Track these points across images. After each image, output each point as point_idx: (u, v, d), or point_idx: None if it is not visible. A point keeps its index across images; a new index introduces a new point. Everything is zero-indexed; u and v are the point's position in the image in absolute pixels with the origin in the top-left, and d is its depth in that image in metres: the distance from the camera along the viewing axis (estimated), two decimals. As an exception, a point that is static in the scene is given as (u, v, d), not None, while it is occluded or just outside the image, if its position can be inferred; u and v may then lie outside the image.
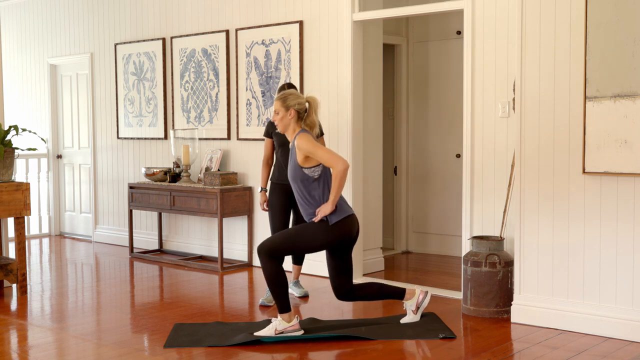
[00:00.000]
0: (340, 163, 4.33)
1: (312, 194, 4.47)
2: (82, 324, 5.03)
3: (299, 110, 4.51)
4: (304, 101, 4.54)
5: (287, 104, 4.50)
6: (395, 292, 4.78)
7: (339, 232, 4.47)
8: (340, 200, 4.48)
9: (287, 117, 4.51)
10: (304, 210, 4.54)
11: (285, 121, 4.52)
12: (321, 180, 4.48)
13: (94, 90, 8.63)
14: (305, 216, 4.56)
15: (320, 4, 6.42)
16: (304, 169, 4.44)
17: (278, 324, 4.49)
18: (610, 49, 4.38)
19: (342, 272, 4.64)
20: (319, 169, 4.46)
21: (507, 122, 5.30)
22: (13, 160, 5.86)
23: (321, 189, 4.47)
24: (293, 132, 4.53)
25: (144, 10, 7.96)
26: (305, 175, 4.45)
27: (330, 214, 4.43)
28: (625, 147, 4.35)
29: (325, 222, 4.45)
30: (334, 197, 4.39)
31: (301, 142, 4.40)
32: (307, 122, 4.55)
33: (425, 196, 7.65)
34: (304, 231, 4.51)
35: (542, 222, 4.76)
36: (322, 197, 4.47)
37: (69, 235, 9.15)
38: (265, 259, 4.47)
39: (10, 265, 5.76)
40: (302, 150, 4.39)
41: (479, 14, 5.42)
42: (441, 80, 7.50)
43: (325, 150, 4.39)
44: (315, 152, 4.37)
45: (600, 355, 4.16)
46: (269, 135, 5.59)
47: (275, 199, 5.54)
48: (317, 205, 4.47)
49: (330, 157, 4.35)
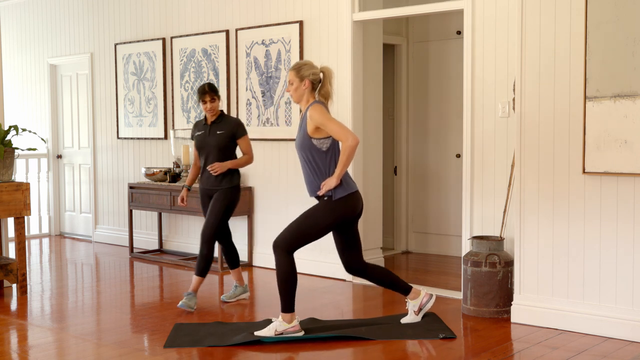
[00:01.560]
0: (351, 138, 4.31)
1: (319, 166, 4.44)
2: (82, 324, 5.03)
3: (313, 81, 4.50)
4: (318, 71, 4.53)
5: (302, 74, 4.49)
6: (402, 286, 4.79)
7: (344, 208, 4.45)
8: (345, 176, 4.47)
9: (301, 87, 4.50)
10: (309, 183, 4.51)
11: (299, 91, 4.50)
12: (329, 153, 4.45)
13: (94, 90, 8.63)
14: (310, 189, 4.53)
15: (320, 4, 6.42)
16: (313, 139, 4.42)
17: (278, 325, 4.49)
18: (610, 49, 4.38)
19: (349, 247, 4.65)
20: (328, 142, 4.44)
21: (507, 122, 5.30)
22: (13, 160, 5.86)
23: (328, 162, 4.45)
24: (306, 103, 4.51)
25: (144, 10, 7.96)
26: (314, 146, 4.43)
27: (335, 188, 4.42)
28: (625, 147, 4.35)
29: (329, 200, 4.43)
30: (340, 171, 4.37)
31: (314, 112, 4.39)
32: (321, 93, 4.53)
33: (425, 196, 7.65)
34: (310, 216, 4.48)
35: (542, 222, 4.76)
36: (328, 171, 4.44)
37: (69, 235, 9.15)
38: (282, 255, 4.44)
39: (10, 265, 5.76)
40: (314, 120, 4.37)
41: (479, 14, 5.42)
42: (441, 80, 7.50)
43: (337, 123, 4.38)
44: (326, 124, 4.36)
45: (600, 355, 4.16)
46: (192, 137, 5.56)
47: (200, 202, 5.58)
48: (323, 179, 4.44)
49: (341, 130, 4.34)
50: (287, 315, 4.49)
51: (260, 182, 6.97)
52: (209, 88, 5.35)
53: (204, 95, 5.33)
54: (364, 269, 4.70)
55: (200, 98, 5.36)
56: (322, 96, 4.53)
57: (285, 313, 4.49)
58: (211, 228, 5.32)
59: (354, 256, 4.67)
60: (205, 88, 5.35)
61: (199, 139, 5.42)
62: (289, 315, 4.49)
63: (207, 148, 5.38)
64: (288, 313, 4.49)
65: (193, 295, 5.31)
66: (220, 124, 5.38)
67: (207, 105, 5.34)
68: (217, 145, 5.36)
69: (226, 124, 5.40)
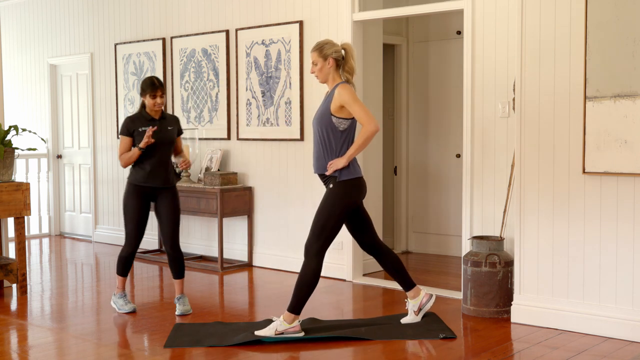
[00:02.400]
0: (373, 124, 4.36)
1: (332, 144, 4.45)
2: (82, 324, 5.03)
3: (337, 58, 4.50)
4: (340, 49, 4.53)
5: (325, 53, 4.49)
6: (407, 281, 4.81)
7: (350, 192, 4.47)
8: (353, 161, 4.49)
9: (326, 66, 4.50)
10: (317, 159, 4.51)
11: (325, 70, 4.50)
12: (345, 134, 4.47)
13: (94, 90, 8.63)
14: (316, 166, 4.53)
15: (320, 4, 6.42)
16: (333, 116, 4.43)
17: (279, 325, 4.49)
18: (610, 49, 4.38)
19: (362, 229, 4.70)
20: (347, 123, 4.45)
21: (507, 122, 5.30)
22: (13, 160, 5.86)
23: (341, 142, 4.46)
24: (333, 82, 4.51)
25: (144, 10, 7.96)
26: (332, 124, 4.44)
27: (342, 169, 4.43)
28: (625, 147, 4.35)
29: (334, 186, 4.45)
30: (353, 152, 4.40)
31: (343, 90, 4.40)
32: (346, 69, 4.53)
33: (425, 196, 7.65)
34: (322, 211, 4.48)
35: (542, 222, 4.76)
36: (340, 151, 4.45)
37: (69, 235, 9.15)
38: (313, 260, 4.46)
39: (10, 265, 5.76)
40: (342, 97, 4.38)
41: (479, 14, 5.42)
42: (441, 80, 7.50)
43: (363, 106, 4.41)
44: (352, 105, 4.38)
45: (600, 355, 4.16)
46: (130, 133, 5.12)
47: (131, 201, 5.15)
48: (331, 157, 4.46)
49: (365, 114, 4.37)
50: (290, 315, 4.49)
51: (260, 182, 6.97)
52: (159, 82, 5.11)
53: (156, 89, 5.08)
54: (378, 249, 4.77)
55: (150, 92, 5.06)
56: (347, 72, 4.54)
57: (290, 313, 4.49)
58: None
59: (367, 237, 4.74)
60: (155, 82, 5.10)
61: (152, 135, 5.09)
62: (292, 316, 4.49)
63: (159, 145, 5.12)
64: (293, 314, 4.49)
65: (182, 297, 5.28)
66: (167, 120, 5.21)
67: (158, 100, 5.09)
68: (171, 141, 5.19)
69: (172, 121, 5.26)
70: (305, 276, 4.47)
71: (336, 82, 4.51)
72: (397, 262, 4.81)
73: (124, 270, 5.30)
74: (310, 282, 4.47)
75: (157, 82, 5.10)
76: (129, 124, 5.15)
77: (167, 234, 5.20)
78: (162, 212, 5.20)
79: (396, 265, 4.80)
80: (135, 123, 5.13)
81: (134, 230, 5.17)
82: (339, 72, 4.53)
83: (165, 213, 5.19)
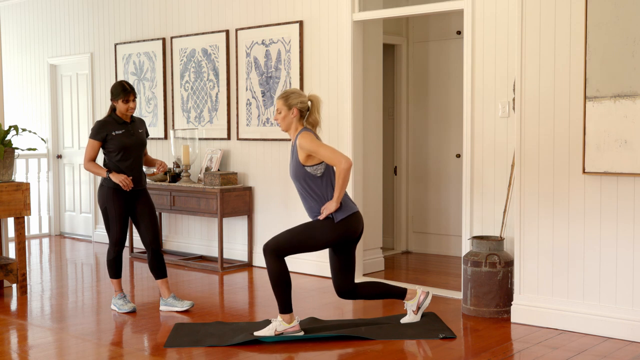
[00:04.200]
0: (344, 161, 4.32)
1: (316, 192, 4.46)
2: (82, 324, 5.03)
3: (301, 109, 4.49)
4: (306, 100, 4.52)
5: (290, 102, 4.48)
6: (397, 292, 4.79)
7: (345, 230, 4.46)
8: (344, 197, 4.48)
9: (289, 115, 4.49)
10: (309, 209, 4.52)
11: (287, 120, 4.50)
12: (324, 177, 4.46)
13: (94, 90, 8.63)
14: (310, 214, 4.55)
15: (320, 4, 6.42)
16: (306, 167, 4.43)
17: (278, 325, 4.49)
18: (610, 49, 4.38)
19: (345, 270, 4.63)
20: (321, 167, 4.45)
21: (507, 122, 5.30)
22: (13, 160, 5.86)
23: (324, 186, 4.46)
24: (295, 131, 4.51)
25: (144, 10, 7.96)
26: (308, 174, 4.44)
27: (336, 211, 4.43)
28: (625, 147, 4.35)
29: (331, 220, 4.44)
30: (338, 195, 4.38)
31: (303, 141, 4.39)
32: (309, 121, 4.53)
33: (425, 196, 7.65)
34: (310, 230, 4.49)
35: (542, 222, 4.76)
36: (326, 195, 4.45)
37: (69, 235, 9.15)
38: (271, 258, 4.45)
39: (10, 265, 5.76)
40: (304, 149, 4.38)
41: (479, 14, 5.42)
42: (441, 80, 7.50)
43: (328, 148, 4.38)
44: (317, 151, 4.36)
45: (600, 355, 4.16)
46: (101, 138, 5.15)
47: (113, 204, 5.18)
48: (321, 203, 4.46)
49: (333, 155, 4.34)
50: (286, 315, 4.49)
51: (260, 182, 6.97)
52: (130, 87, 5.18)
53: (129, 94, 5.14)
54: (353, 291, 4.68)
55: (123, 97, 5.12)
56: (310, 124, 4.53)
57: (284, 314, 4.49)
58: None
59: (346, 280, 4.64)
60: (127, 87, 5.16)
61: (124, 139, 5.15)
62: (288, 315, 4.49)
63: (134, 147, 5.19)
64: (287, 314, 4.49)
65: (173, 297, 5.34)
66: (136, 124, 5.29)
67: (131, 105, 5.16)
68: (143, 144, 5.28)
69: (140, 123, 5.35)
70: (276, 276, 4.45)
71: (297, 130, 4.49)
72: (378, 287, 4.77)
73: (117, 272, 5.35)
74: (282, 279, 4.45)
75: (129, 87, 5.18)
76: (100, 128, 5.19)
77: (152, 234, 5.28)
78: (142, 213, 5.28)
79: (379, 289, 4.76)
80: (107, 127, 5.18)
81: (119, 232, 5.24)
82: (302, 122, 4.52)
83: (146, 213, 5.29)
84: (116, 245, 5.26)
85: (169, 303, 5.31)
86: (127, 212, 5.27)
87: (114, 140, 5.15)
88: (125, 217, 5.26)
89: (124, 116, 5.22)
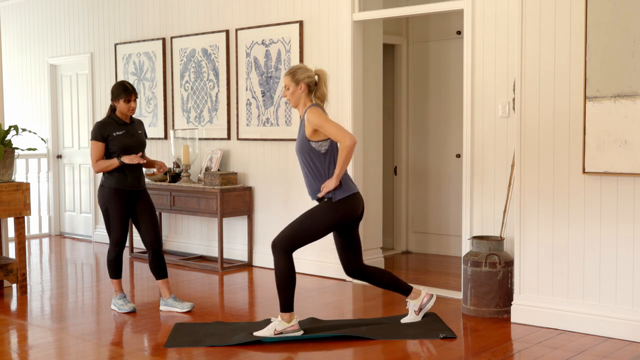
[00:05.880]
0: (348, 138, 4.35)
1: (318, 169, 4.48)
2: (82, 324, 5.03)
3: (309, 84, 4.52)
4: (313, 74, 4.56)
5: (297, 78, 4.51)
6: (403, 287, 4.80)
7: (344, 211, 4.47)
8: (345, 178, 4.50)
9: (297, 91, 4.52)
10: (309, 185, 4.55)
11: (296, 95, 4.53)
12: (327, 155, 4.49)
13: (94, 90, 8.63)
14: (310, 192, 4.56)
15: (320, 4, 6.42)
16: (311, 142, 4.46)
17: (278, 324, 4.49)
18: (610, 49, 4.38)
19: (350, 249, 4.67)
20: (326, 144, 4.47)
21: (507, 122, 5.30)
22: (13, 160, 5.86)
23: (327, 164, 4.48)
24: (304, 106, 4.55)
25: (144, 10, 7.96)
26: (312, 149, 4.46)
27: (335, 189, 4.44)
28: (625, 147, 4.35)
29: (329, 202, 4.46)
30: (339, 171, 4.41)
31: (311, 115, 4.42)
32: (317, 95, 4.56)
33: (425, 196, 7.65)
34: (310, 217, 4.50)
35: (542, 222, 4.76)
36: (327, 174, 4.48)
37: (69, 235, 9.15)
38: (280, 255, 4.47)
39: (10, 265, 5.76)
40: (312, 123, 4.41)
41: (479, 14, 5.42)
42: (441, 80, 7.50)
43: (334, 124, 4.42)
44: (324, 126, 4.40)
45: (600, 355, 4.16)
46: (104, 139, 5.15)
47: (114, 205, 5.18)
48: (322, 181, 4.48)
49: (339, 131, 4.38)
50: (286, 314, 4.49)
51: (260, 182, 6.97)
52: (132, 87, 5.19)
53: (130, 94, 5.15)
54: (361, 271, 4.72)
55: (125, 97, 5.13)
56: (318, 98, 4.57)
57: (284, 313, 4.49)
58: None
59: (353, 259, 4.69)
60: (129, 87, 5.17)
61: (124, 139, 5.17)
62: (287, 314, 4.50)
63: (134, 148, 5.21)
64: (287, 313, 4.49)
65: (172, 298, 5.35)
66: (135, 124, 5.32)
67: (132, 104, 5.18)
68: (143, 145, 5.31)
69: (139, 124, 5.37)
70: (282, 274, 4.47)
71: (306, 106, 4.53)
72: (386, 275, 4.80)
73: (117, 272, 5.35)
74: (287, 277, 4.46)
75: (130, 87, 5.20)
76: (101, 129, 5.18)
77: (153, 234, 5.29)
78: (143, 213, 5.30)
79: (386, 279, 4.79)
80: (108, 128, 5.18)
81: (120, 232, 5.24)
82: (310, 98, 4.55)
83: (147, 213, 5.30)
84: (117, 245, 5.26)
85: (169, 304, 5.31)
86: (127, 213, 5.27)
87: (115, 141, 5.17)
88: (126, 217, 5.27)
89: (124, 116, 5.23)
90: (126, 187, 5.21)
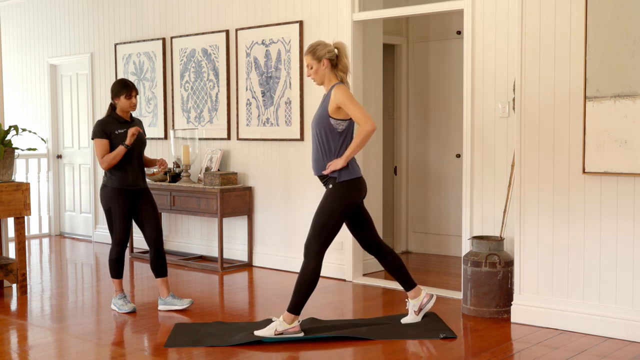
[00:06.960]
0: (370, 123, 4.38)
1: (330, 146, 4.48)
2: (82, 324, 5.03)
3: (330, 59, 4.53)
4: (333, 48, 4.56)
5: (318, 55, 4.51)
6: (408, 280, 4.82)
7: (350, 192, 4.49)
8: (352, 161, 4.51)
9: (321, 68, 4.52)
10: (316, 160, 4.55)
11: (320, 72, 4.53)
12: (343, 135, 4.49)
13: (94, 90, 8.63)
14: (315, 167, 4.57)
15: (320, 4, 6.42)
16: (331, 118, 4.46)
17: (279, 325, 4.49)
18: (610, 49, 4.38)
19: (362, 227, 4.71)
20: (345, 124, 4.48)
21: (507, 122, 5.30)
22: (13, 160, 5.86)
23: (340, 144, 4.49)
24: (329, 83, 4.55)
25: (144, 10, 7.96)
26: (330, 126, 4.47)
27: (341, 170, 4.45)
28: (625, 147, 4.35)
29: (333, 186, 4.47)
30: (350, 153, 4.43)
31: (339, 91, 4.43)
32: (340, 68, 4.56)
33: (425, 196, 7.65)
34: (322, 210, 4.50)
35: (542, 222, 4.76)
36: (338, 153, 4.48)
37: (69, 235, 9.15)
38: (312, 259, 4.47)
39: (10, 265, 5.76)
40: (338, 99, 4.41)
41: (479, 14, 5.42)
42: (441, 80, 7.50)
43: (359, 106, 4.44)
44: (348, 105, 4.40)
45: (600, 355, 4.16)
46: (107, 135, 5.15)
47: (117, 204, 5.17)
48: (330, 159, 4.48)
49: (362, 114, 4.40)
50: (290, 316, 4.49)
51: (260, 182, 6.97)
52: (132, 83, 5.19)
53: (131, 90, 5.16)
54: (378, 249, 4.77)
55: (126, 93, 5.14)
56: (341, 70, 4.56)
57: (290, 314, 4.49)
58: None
59: (368, 235, 4.74)
60: (129, 83, 5.18)
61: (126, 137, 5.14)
62: (292, 316, 4.49)
63: (135, 146, 5.20)
64: (293, 315, 4.49)
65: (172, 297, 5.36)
66: (136, 123, 5.32)
67: (133, 101, 5.18)
68: (143, 143, 5.31)
69: (139, 123, 5.37)
70: (305, 276, 4.47)
71: (332, 82, 4.53)
72: (397, 262, 4.81)
73: (119, 272, 5.34)
74: (310, 281, 4.47)
75: (130, 83, 5.21)
76: (103, 126, 5.18)
77: (156, 232, 5.30)
78: (146, 212, 5.30)
79: (397, 264, 4.80)
80: (109, 126, 5.19)
81: (122, 232, 5.23)
82: (334, 72, 4.56)
83: (149, 212, 5.30)
84: (119, 245, 5.26)
85: (168, 302, 5.31)
86: (130, 212, 5.27)
87: (117, 139, 5.17)
88: (129, 217, 5.26)
89: (124, 115, 5.24)
90: (128, 186, 5.21)
